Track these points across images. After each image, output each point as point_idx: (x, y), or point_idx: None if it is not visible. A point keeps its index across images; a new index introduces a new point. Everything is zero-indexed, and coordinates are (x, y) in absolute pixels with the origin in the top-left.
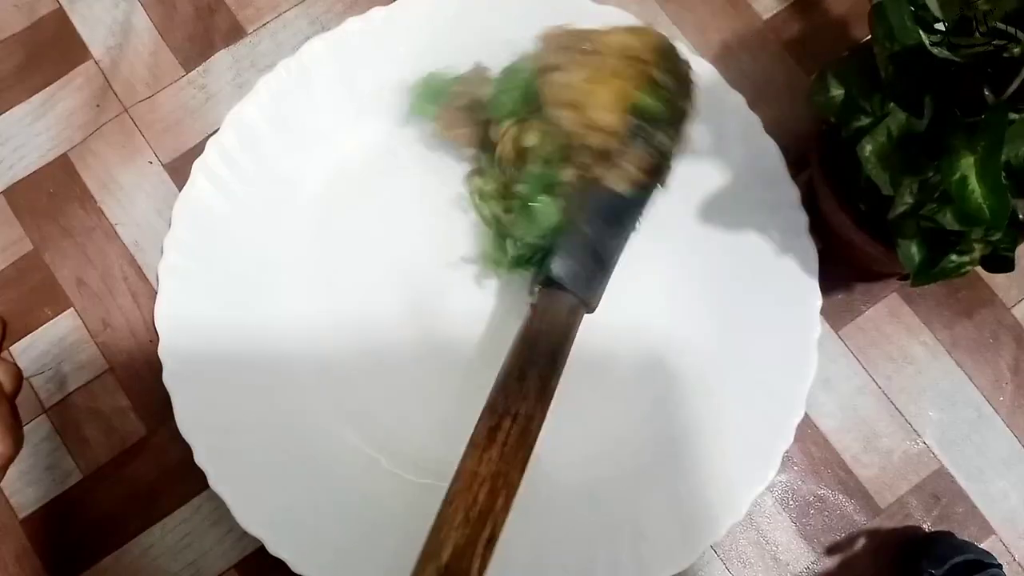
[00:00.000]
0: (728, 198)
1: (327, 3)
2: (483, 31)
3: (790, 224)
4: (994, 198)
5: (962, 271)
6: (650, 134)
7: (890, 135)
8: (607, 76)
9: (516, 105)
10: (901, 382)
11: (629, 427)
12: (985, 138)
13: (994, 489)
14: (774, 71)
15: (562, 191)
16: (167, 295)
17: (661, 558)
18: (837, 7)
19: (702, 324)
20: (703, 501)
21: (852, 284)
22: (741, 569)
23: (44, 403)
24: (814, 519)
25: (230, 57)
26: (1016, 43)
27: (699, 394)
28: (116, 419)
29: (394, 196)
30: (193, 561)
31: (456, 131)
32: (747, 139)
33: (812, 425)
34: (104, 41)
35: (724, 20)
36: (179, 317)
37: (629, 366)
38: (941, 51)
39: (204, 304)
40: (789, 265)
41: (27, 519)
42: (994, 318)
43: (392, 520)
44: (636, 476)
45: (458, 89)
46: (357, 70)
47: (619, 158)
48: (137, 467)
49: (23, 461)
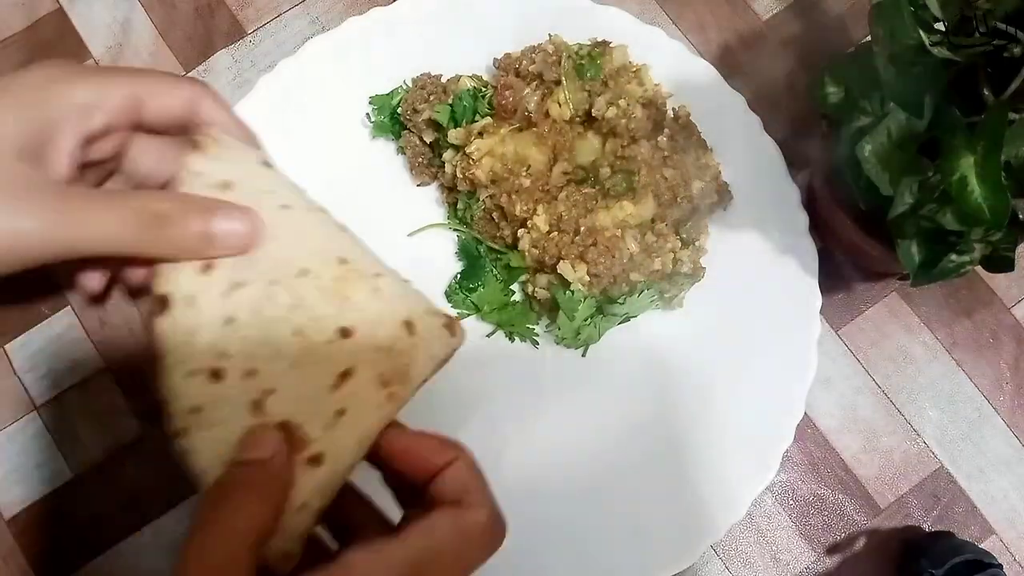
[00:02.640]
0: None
1: (327, 3)
2: (483, 31)
3: (790, 224)
4: (994, 198)
5: (962, 271)
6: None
7: (890, 135)
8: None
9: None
10: (901, 381)
11: (629, 427)
12: (985, 138)
13: (994, 489)
14: (774, 71)
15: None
16: None
17: (661, 558)
18: (837, 7)
19: (702, 324)
20: (703, 501)
21: (852, 284)
22: (741, 569)
23: (35, 401)
24: (814, 519)
25: (230, 57)
26: (1016, 43)
27: (699, 394)
28: (110, 418)
29: (395, 196)
30: None
31: (416, 157)
32: (747, 139)
33: (812, 425)
34: (104, 41)
35: (724, 20)
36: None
37: (629, 366)
38: (941, 51)
39: None
40: (789, 265)
41: (14, 519)
42: (994, 318)
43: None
44: (636, 476)
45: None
46: (357, 70)
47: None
48: (131, 467)
49: (10, 460)
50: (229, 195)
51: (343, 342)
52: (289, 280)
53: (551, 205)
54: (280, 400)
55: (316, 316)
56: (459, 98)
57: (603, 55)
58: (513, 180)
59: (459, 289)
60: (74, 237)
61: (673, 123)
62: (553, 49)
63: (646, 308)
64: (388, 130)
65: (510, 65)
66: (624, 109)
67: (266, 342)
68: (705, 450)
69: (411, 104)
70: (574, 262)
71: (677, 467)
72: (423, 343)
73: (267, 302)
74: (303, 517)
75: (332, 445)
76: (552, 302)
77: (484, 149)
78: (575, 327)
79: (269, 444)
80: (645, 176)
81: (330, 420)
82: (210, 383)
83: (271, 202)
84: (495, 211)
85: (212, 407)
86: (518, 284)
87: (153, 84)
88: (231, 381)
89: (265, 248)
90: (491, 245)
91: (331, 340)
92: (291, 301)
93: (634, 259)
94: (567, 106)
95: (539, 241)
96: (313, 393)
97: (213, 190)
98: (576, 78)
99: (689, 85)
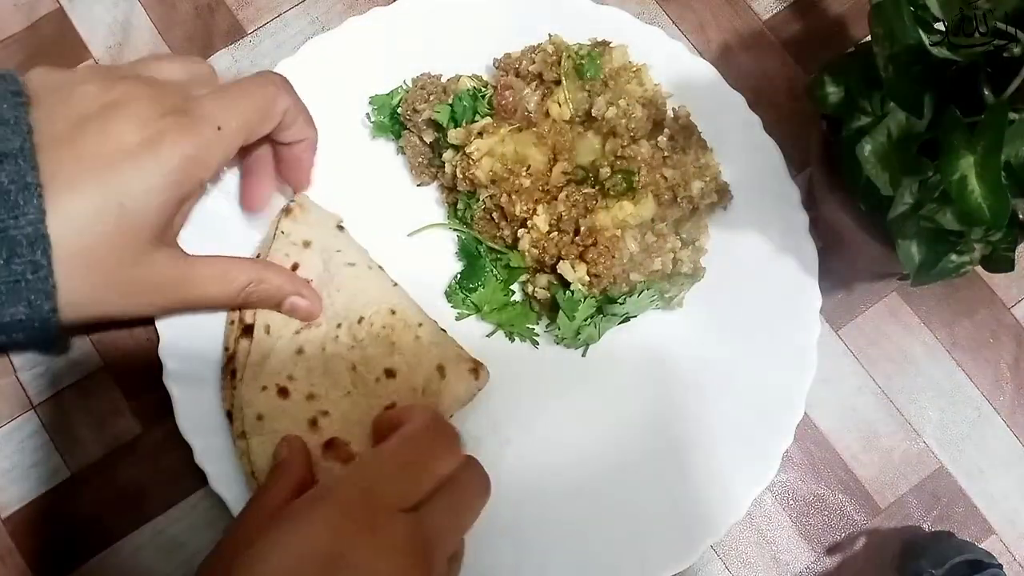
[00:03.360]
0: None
1: (327, 3)
2: (483, 31)
3: (790, 224)
4: (994, 198)
5: (962, 271)
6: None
7: (890, 135)
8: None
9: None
10: (901, 382)
11: (629, 427)
12: (985, 138)
13: (994, 489)
14: (774, 71)
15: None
16: None
17: (661, 558)
18: (837, 7)
19: (702, 324)
20: (703, 501)
21: (852, 284)
22: (741, 569)
23: (32, 399)
24: (814, 519)
25: (230, 57)
26: (1016, 43)
27: (699, 394)
28: (109, 417)
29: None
30: (187, 561)
31: (416, 157)
32: (747, 139)
33: (812, 425)
34: (104, 41)
35: (724, 20)
36: (179, 317)
37: (629, 366)
38: (941, 51)
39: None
40: (789, 265)
41: (11, 517)
42: (994, 318)
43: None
44: (636, 475)
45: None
46: (357, 70)
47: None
48: (129, 466)
49: (8, 458)
50: (308, 251)
51: (388, 381)
52: (350, 324)
53: (551, 205)
54: (333, 421)
55: (368, 356)
56: (459, 98)
57: (603, 55)
58: (513, 180)
59: (459, 289)
60: (191, 302)
61: (673, 123)
62: (553, 49)
63: (646, 308)
64: (388, 130)
65: (510, 65)
66: (624, 109)
67: (327, 373)
68: (705, 450)
69: (411, 104)
70: (574, 262)
71: (677, 467)
72: (450, 387)
73: (331, 342)
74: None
75: None
76: (552, 302)
77: (484, 149)
78: (575, 327)
79: (293, 448)
80: (645, 176)
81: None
82: (277, 398)
83: (340, 259)
84: (495, 211)
85: (274, 418)
86: (518, 284)
87: (263, 111)
88: (295, 399)
89: (332, 297)
90: (491, 245)
91: (379, 378)
92: (350, 342)
93: (634, 259)
94: (567, 106)
95: (539, 241)
96: (360, 419)
97: (297, 247)
98: (576, 78)
99: (689, 85)
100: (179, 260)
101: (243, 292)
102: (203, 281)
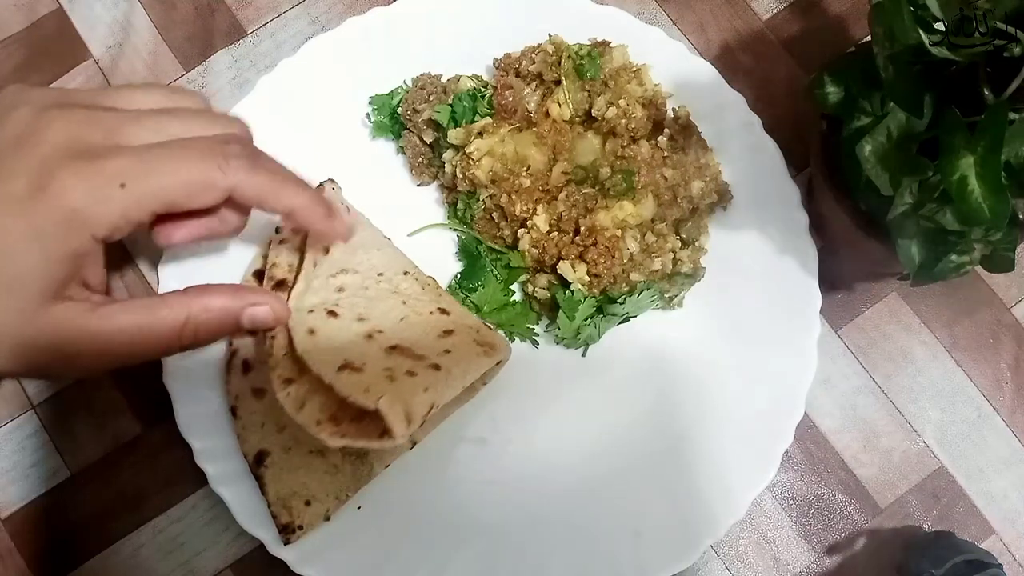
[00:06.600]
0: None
1: (327, 3)
2: (483, 31)
3: (790, 224)
4: (994, 198)
5: (962, 271)
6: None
7: (890, 135)
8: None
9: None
10: (901, 381)
11: (629, 427)
12: (985, 138)
13: (994, 489)
14: (774, 71)
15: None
16: None
17: (661, 558)
18: (837, 7)
19: (702, 324)
20: (703, 501)
21: (852, 284)
22: (741, 569)
23: (32, 399)
24: (814, 519)
25: (230, 57)
26: (1016, 43)
27: (699, 394)
28: (109, 417)
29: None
30: (186, 561)
31: (416, 157)
32: (747, 139)
33: (812, 425)
34: (104, 40)
35: (724, 20)
36: None
37: (629, 366)
38: (941, 51)
39: None
40: (789, 265)
41: (10, 517)
42: (994, 318)
43: (396, 519)
44: (636, 476)
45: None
46: (357, 70)
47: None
48: (129, 466)
49: (7, 458)
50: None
51: (443, 316)
52: (393, 274)
53: (551, 205)
54: (391, 335)
55: (416, 297)
56: (459, 98)
57: (603, 55)
58: (513, 180)
59: (459, 289)
60: (115, 359)
61: (673, 123)
62: (553, 49)
63: (646, 308)
64: (388, 130)
65: (510, 65)
66: (624, 109)
67: (376, 300)
68: (705, 450)
69: (411, 104)
70: (574, 262)
71: (677, 467)
72: (499, 336)
73: (371, 285)
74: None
75: (446, 361)
76: (552, 302)
77: (484, 149)
78: (575, 327)
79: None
80: (645, 176)
81: (440, 352)
82: (327, 318)
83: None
84: (495, 211)
85: (326, 335)
86: (518, 284)
87: (190, 186)
88: (344, 319)
89: (369, 254)
90: (491, 245)
91: (433, 312)
92: (390, 287)
93: (634, 259)
94: (567, 106)
95: (539, 241)
96: (421, 337)
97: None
98: (576, 78)
99: (689, 85)
100: (84, 314)
101: (182, 331)
102: (120, 333)
